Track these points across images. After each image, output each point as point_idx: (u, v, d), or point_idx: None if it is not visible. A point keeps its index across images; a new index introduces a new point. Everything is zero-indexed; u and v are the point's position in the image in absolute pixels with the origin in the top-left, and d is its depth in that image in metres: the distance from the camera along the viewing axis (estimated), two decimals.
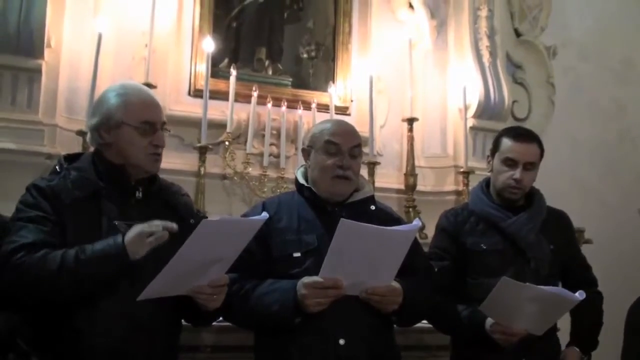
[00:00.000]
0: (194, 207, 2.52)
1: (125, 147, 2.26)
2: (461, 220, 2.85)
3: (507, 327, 2.56)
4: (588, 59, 5.27)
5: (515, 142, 2.79)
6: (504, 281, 2.47)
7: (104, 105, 2.30)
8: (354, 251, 2.21)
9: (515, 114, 4.48)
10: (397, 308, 2.37)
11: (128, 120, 2.26)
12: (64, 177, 2.22)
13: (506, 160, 2.78)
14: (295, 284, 2.30)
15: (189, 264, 2.07)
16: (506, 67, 4.46)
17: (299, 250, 2.41)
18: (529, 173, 2.77)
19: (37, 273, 2.05)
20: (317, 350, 2.33)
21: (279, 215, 2.49)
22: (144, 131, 2.27)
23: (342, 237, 2.18)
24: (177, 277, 2.07)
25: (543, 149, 2.84)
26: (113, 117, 2.26)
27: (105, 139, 2.27)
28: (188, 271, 2.09)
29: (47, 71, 3.45)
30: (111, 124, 2.26)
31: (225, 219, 2.23)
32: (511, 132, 2.87)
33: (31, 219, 2.14)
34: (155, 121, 2.30)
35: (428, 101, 4.33)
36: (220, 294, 2.20)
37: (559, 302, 2.54)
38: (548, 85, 4.64)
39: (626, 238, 4.95)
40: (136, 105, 2.29)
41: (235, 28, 4.12)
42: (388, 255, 2.29)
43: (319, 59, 4.26)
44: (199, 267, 2.10)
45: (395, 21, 4.35)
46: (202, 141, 3.61)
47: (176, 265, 2.03)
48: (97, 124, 2.29)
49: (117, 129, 2.26)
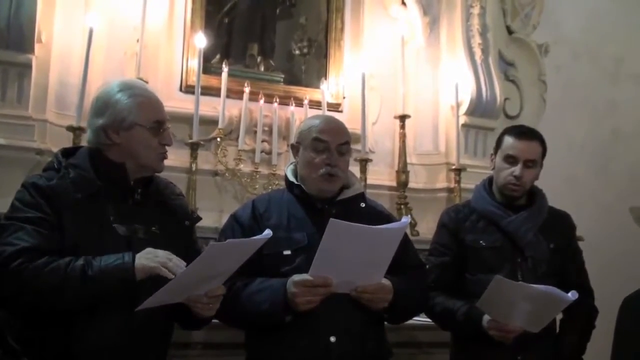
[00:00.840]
0: (189, 208, 2.50)
1: (136, 148, 2.23)
2: (462, 217, 2.87)
3: (503, 324, 2.57)
4: (580, 57, 5.28)
5: (516, 140, 2.81)
6: (497, 280, 2.48)
7: (113, 106, 2.24)
8: (343, 250, 2.20)
9: (507, 111, 4.48)
10: (388, 305, 2.37)
11: (141, 121, 2.23)
12: (63, 177, 2.17)
13: (507, 157, 2.80)
14: (285, 283, 2.29)
15: (192, 279, 2.08)
16: (498, 64, 4.46)
17: (289, 248, 2.40)
18: (529, 170, 2.79)
19: (38, 283, 2.00)
20: (308, 347, 2.32)
21: (268, 213, 2.49)
22: (154, 131, 2.25)
23: (332, 236, 2.17)
24: (177, 289, 2.08)
25: (545, 147, 2.85)
26: (126, 119, 2.22)
27: (113, 139, 2.23)
28: (189, 284, 2.09)
29: (38, 66, 3.43)
30: (123, 126, 2.22)
31: (231, 242, 2.22)
32: (513, 130, 2.89)
33: (29, 220, 2.08)
34: (164, 120, 2.29)
35: (420, 98, 4.33)
36: (216, 303, 2.19)
37: (552, 300, 2.54)
38: (540, 83, 4.65)
39: (618, 236, 4.97)
40: (147, 105, 2.26)
41: (227, 24, 4.10)
42: (378, 253, 2.28)
43: (311, 56, 4.26)
44: (200, 280, 2.11)
45: (388, 18, 4.35)
46: (194, 137, 3.59)
47: (179, 281, 2.04)
48: (104, 125, 2.23)
49: (129, 130, 2.23)
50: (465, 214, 2.88)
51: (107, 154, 2.24)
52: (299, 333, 2.32)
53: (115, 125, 2.23)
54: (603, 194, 5.10)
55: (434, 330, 2.98)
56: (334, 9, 4.22)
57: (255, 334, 2.47)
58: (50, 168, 2.25)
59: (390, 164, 4.22)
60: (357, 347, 2.36)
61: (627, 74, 5.44)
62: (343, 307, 2.33)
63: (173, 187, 2.44)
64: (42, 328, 2.09)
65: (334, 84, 4.15)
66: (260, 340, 2.43)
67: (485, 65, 4.30)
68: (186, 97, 3.76)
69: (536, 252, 2.76)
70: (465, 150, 4.24)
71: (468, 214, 2.87)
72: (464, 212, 2.89)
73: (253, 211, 2.52)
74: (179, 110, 3.58)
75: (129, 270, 2.03)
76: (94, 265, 2.03)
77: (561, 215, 2.95)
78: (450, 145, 4.24)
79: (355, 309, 2.35)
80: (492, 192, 2.88)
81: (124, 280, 2.03)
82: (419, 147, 4.33)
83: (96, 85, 3.39)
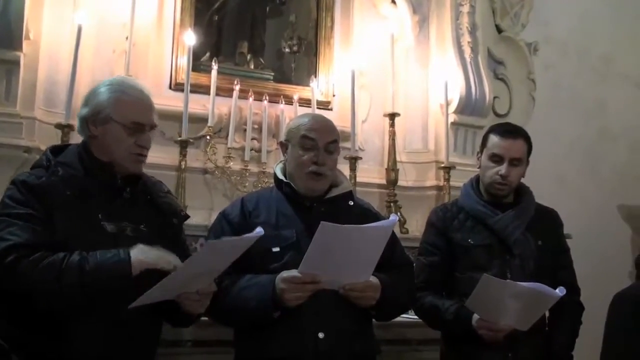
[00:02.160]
0: (177, 207, 2.50)
1: (110, 144, 2.24)
2: (450, 216, 2.88)
3: (492, 323, 2.58)
4: (569, 56, 5.29)
5: (501, 138, 2.81)
6: (484, 279, 2.49)
7: (96, 98, 2.27)
8: (333, 250, 2.22)
9: (496, 109, 4.50)
10: (376, 303, 2.38)
11: (116, 117, 2.23)
12: (52, 174, 2.17)
13: (492, 156, 2.81)
14: (273, 279, 2.30)
15: (186, 276, 2.08)
16: (488, 63, 4.48)
17: (278, 245, 2.41)
18: (515, 169, 2.80)
19: (33, 278, 1.99)
20: (296, 344, 2.33)
21: (257, 211, 2.50)
22: (131, 131, 2.25)
23: (322, 238, 2.18)
24: (171, 286, 2.08)
25: (531, 145, 2.86)
26: (101, 112, 2.24)
27: (92, 131, 2.25)
28: (183, 281, 2.09)
29: (26, 63, 3.41)
30: (99, 118, 2.24)
31: (227, 240, 2.25)
32: (498, 129, 2.89)
33: (20, 216, 2.07)
34: (144, 123, 2.28)
35: (410, 97, 4.34)
36: (207, 299, 2.20)
37: (540, 298, 2.55)
38: (529, 81, 4.67)
39: (606, 234, 5.00)
40: (128, 104, 2.26)
41: (216, 22, 4.09)
42: (366, 251, 2.29)
43: (302, 54, 4.25)
44: (193, 277, 2.11)
45: (378, 16, 4.35)
46: (183, 135, 3.59)
47: (174, 278, 2.04)
48: (86, 115, 2.27)
49: (105, 124, 2.23)
50: (453, 212, 2.88)
51: (93, 149, 2.25)
52: (287, 329, 2.32)
53: (93, 117, 2.25)
54: (592, 192, 5.12)
55: (423, 328, 2.99)
56: (324, 7, 4.22)
57: (244, 330, 2.47)
58: (39, 165, 2.24)
59: (379, 162, 4.22)
60: (345, 343, 2.37)
61: (616, 73, 5.46)
62: (331, 304, 2.34)
63: (161, 185, 2.44)
64: (29, 327, 2.08)
65: (324, 82, 4.15)
66: (249, 336, 2.43)
67: (474, 64, 4.31)
68: (176, 94, 3.74)
69: (524, 249, 2.77)
70: (455, 148, 4.25)
71: (456, 213, 2.88)
72: (452, 211, 2.90)
73: (242, 209, 2.53)
74: (168, 108, 3.56)
75: (125, 266, 2.03)
76: (90, 260, 2.03)
77: (549, 212, 2.96)
78: (440, 144, 4.24)
79: (344, 306, 2.35)
80: (479, 191, 2.88)
81: (121, 276, 2.03)
82: (408, 145, 4.33)
83: (85, 83, 3.39)
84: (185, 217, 2.48)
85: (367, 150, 4.19)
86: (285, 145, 2.57)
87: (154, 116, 2.32)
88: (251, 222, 2.42)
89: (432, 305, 2.75)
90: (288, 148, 2.55)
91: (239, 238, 2.23)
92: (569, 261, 2.96)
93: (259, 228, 2.20)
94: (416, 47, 4.38)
